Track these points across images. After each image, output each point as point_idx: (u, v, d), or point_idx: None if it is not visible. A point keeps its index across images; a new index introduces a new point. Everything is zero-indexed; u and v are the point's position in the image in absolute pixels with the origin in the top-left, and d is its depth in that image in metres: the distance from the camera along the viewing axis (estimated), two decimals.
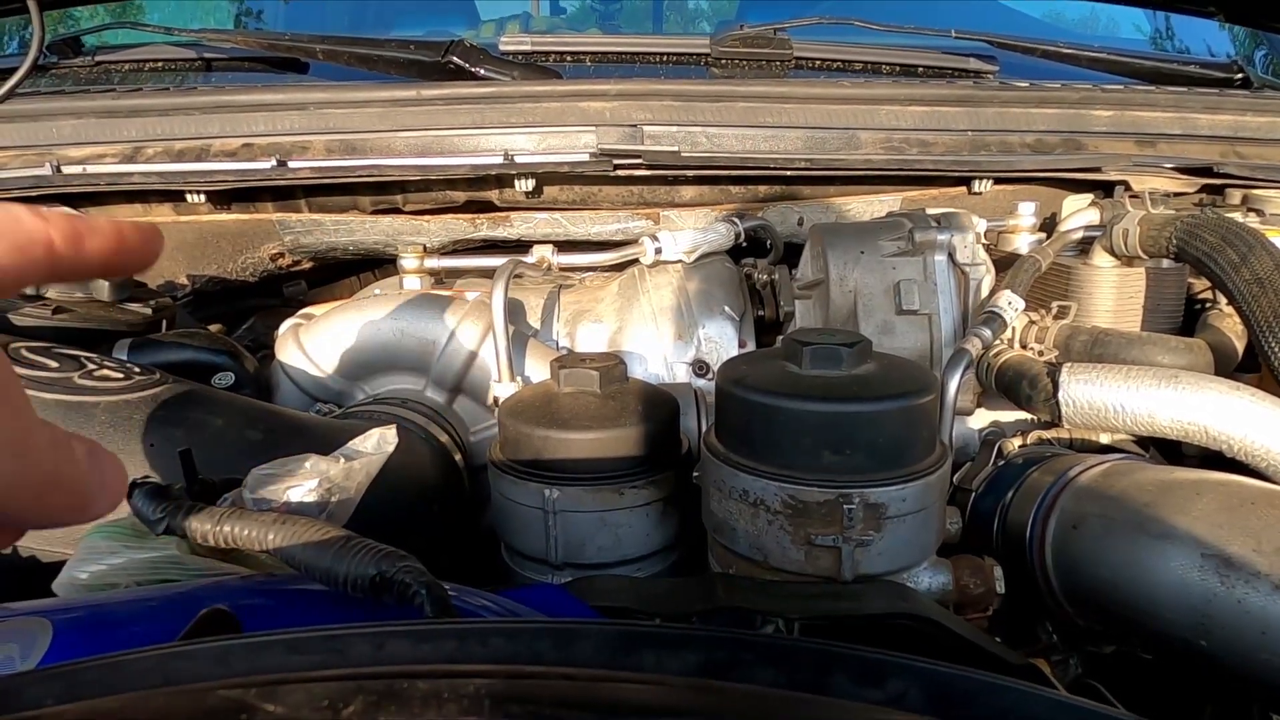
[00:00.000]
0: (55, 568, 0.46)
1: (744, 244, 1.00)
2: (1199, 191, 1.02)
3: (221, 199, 1.01)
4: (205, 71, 1.24)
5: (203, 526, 0.40)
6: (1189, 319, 0.86)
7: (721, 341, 0.89)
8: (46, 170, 0.93)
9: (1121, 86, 1.13)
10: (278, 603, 0.40)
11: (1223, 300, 0.83)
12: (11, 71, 0.97)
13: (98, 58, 1.24)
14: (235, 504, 0.45)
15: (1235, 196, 0.99)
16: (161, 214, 1.03)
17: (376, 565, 0.37)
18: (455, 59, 1.07)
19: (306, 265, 1.11)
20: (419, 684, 0.20)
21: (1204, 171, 0.99)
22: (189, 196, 0.98)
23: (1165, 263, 0.81)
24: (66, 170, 0.94)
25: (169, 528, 0.41)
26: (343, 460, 0.48)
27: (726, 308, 0.90)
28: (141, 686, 0.24)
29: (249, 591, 0.41)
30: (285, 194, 1.03)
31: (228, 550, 0.44)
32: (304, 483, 0.46)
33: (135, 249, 0.31)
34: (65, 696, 0.24)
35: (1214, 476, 0.56)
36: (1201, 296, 0.91)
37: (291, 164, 0.96)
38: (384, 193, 1.04)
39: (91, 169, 0.94)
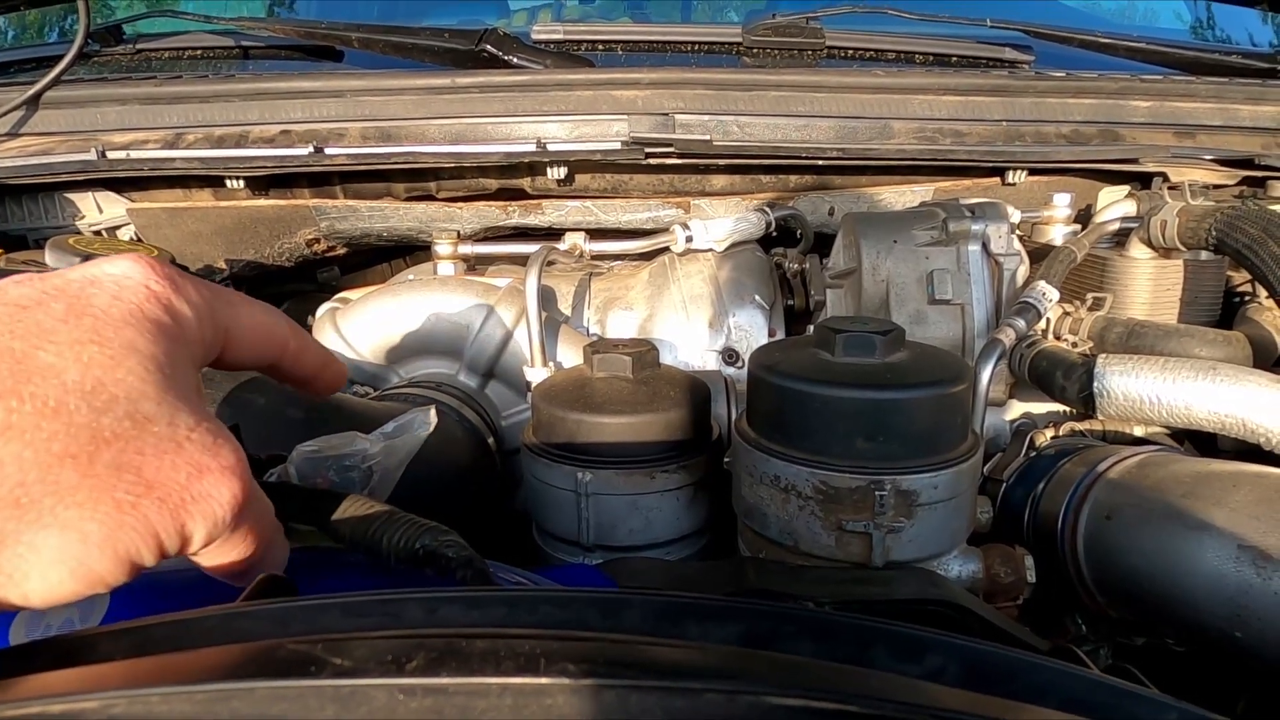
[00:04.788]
0: None
1: (774, 233, 1.00)
2: (1239, 184, 1.00)
3: (260, 185, 1.03)
4: (243, 59, 1.26)
5: None
6: (1227, 312, 0.85)
7: (751, 330, 0.89)
8: (92, 155, 0.95)
9: (1160, 77, 1.11)
10: (322, 573, 0.41)
11: (1262, 293, 0.82)
12: (55, 60, 0.99)
13: (139, 46, 1.26)
14: (281, 479, 0.46)
15: (1277, 189, 0.98)
16: (202, 198, 1.05)
17: (419, 538, 0.38)
18: (489, 47, 1.08)
19: (340, 251, 1.12)
20: (476, 643, 0.21)
21: (1245, 163, 0.98)
22: (228, 182, 1.00)
23: (1204, 255, 0.80)
24: (111, 155, 0.96)
25: None
26: (383, 439, 0.49)
27: (757, 296, 0.90)
28: (208, 643, 0.25)
29: (294, 563, 0.42)
30: (322, 180, 1.05)
31: None
32: (346, 460, 0.47)
33: (329, 380, 0.46)
34: (136, 651, 0.25)
35: (1251, 469, 0.55)
36: (1240, 289, 0.90)
37: (328, 150, 0.97)
38: (418, 180, 1.05)
39: (135, 154, 0.96)
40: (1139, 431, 0.72)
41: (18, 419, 0.27)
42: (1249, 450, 0.63)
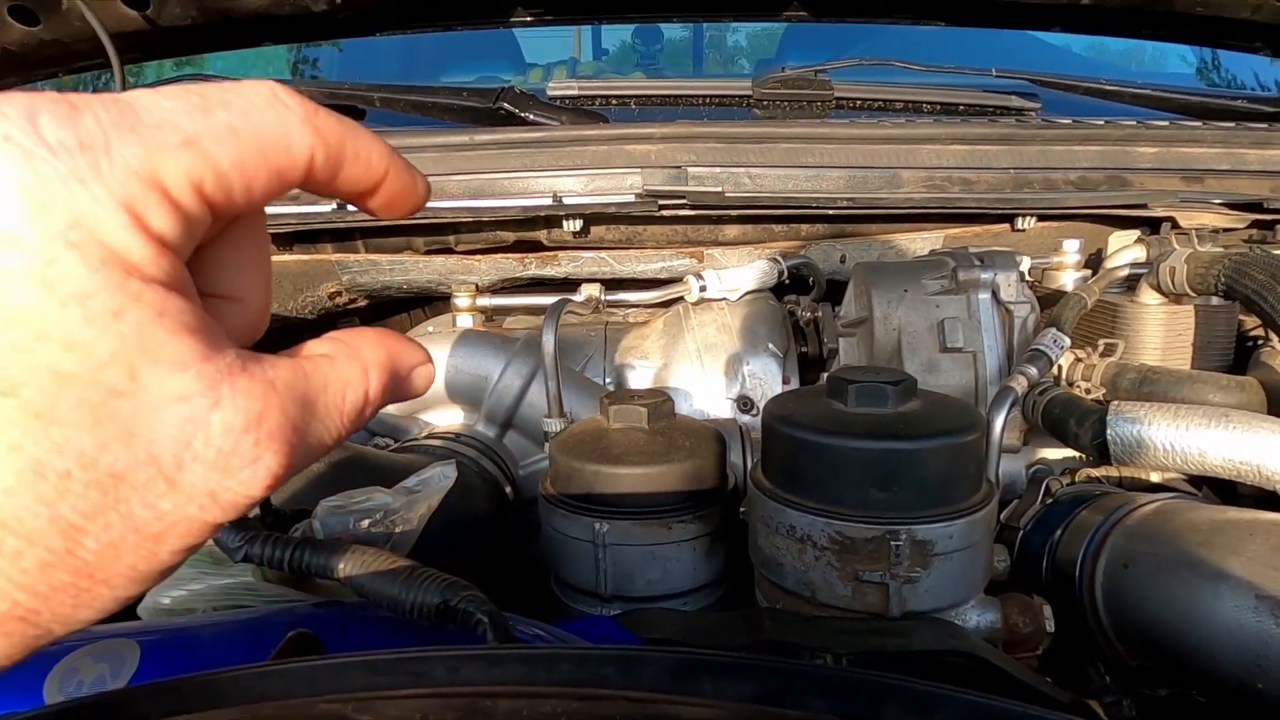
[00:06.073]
0: None
1: (787, 281, 1.02)
2: (1249, 227, 1.01)
3: (284, 240, 1.06)
4: None
5: (279, 555, 0.43)
6: (1241, 357, 0.85)
7: (766, 378, 0.90)
8: None
9: (1167, 123, 1.12)
10: (347, 628, 0.42)
11: (1275, 338, 0.82)
12: None
13: None
14: (305, 534, 0.47)
15: None
16: None
17: (441, 594, 0.39)
18: (506, 105, 1.12)
19: (361, 303, 1.15)
20: (500, 703, 0.22)
21: (1254, 207, 0.99)
22: None
23: (1215, 300, 0.81)
24: None
25: (246, 555, 0.43)
26: (406, 494, 0.50)
27: (770, 345, 0.92)
28: (240, 701, 0.26)
29: (319, 618, 0.43)
30: (344, 235, 1.08)
31: (298, 578, 0.46)
32: (370, 514, 0.48)
33: (391, 199, 0.28)
34: (174, 709, 0.26)
35: (1268, 517, 0.55)
36: (1253, 334, 0.90)
37: (351, 206, 1.00)
38: (437, 234, 1.08)
39: None
40: (1155, 478, 0.72)
41: None
42: (1269, 496, 0.63)
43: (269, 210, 1.02)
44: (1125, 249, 0.89)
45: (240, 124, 0.23)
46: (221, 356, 0.23)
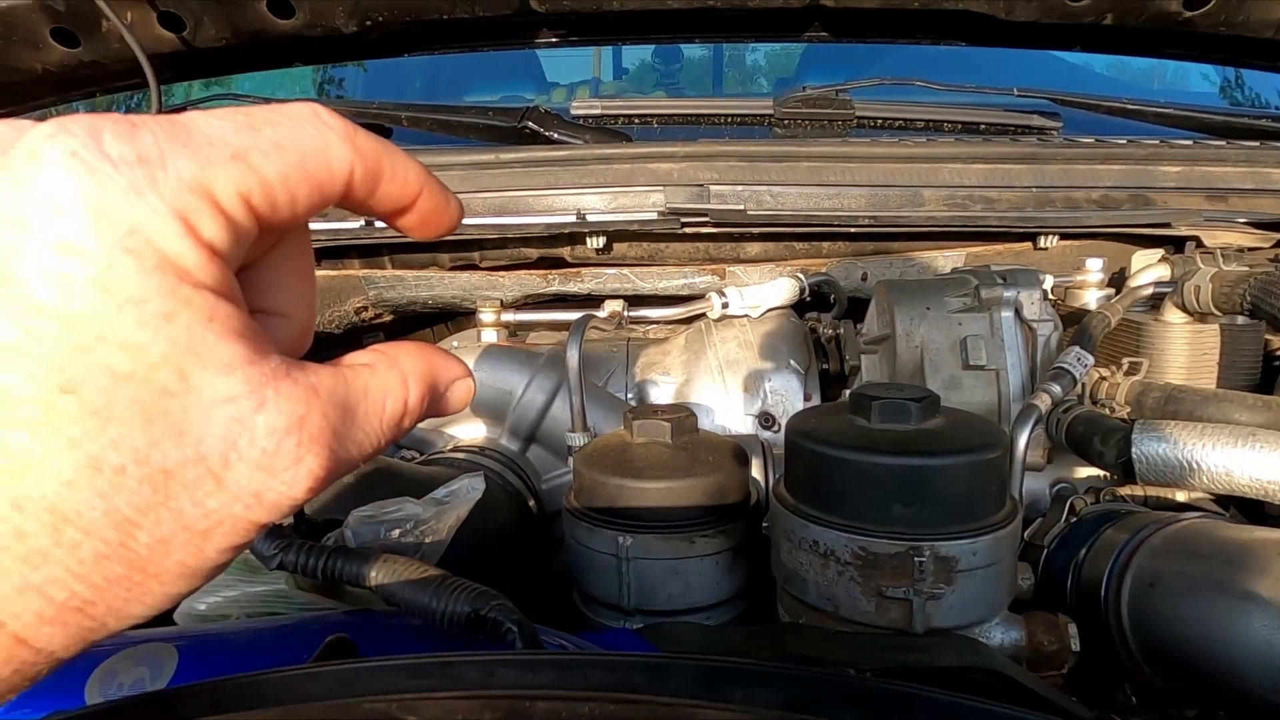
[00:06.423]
0: None
1: (808, 299, 1.02)
2: (1274, 246, 1.00)
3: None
4: None
5: (312, 563, 0.44)
6: (1267, 376, 0.84)
7: (787, 394, 0.91)
8: None
9: (1190, 141, 1.12)
10: (379, 635, 0.43)
11: None
12: None
13: None
14: (338, 543, 0.48)
15: None
16: None
17: (472, 603, 0.40)
18: (530, 124, 1.13)
19: (387, 318, 1.16)
20: (538, 704, 0.22)
21: (1279, 226, 0.98)
22: None
23: (1241, 319, 0.80)
24: None
25: (281, 563, 0.44)
26: (435, 505, 0.51)
27: (792, 361, 0.92)
28: (281, 702, 0.27)
29: (352, 624, 0.44)
30: (371, 251, 1.10)
31: (330, 586, 0.47)
32: (400, 524, 0.49)
33: (425, 218, 0.29)
34: (214, 709, 0.27)
35: None
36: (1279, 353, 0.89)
37: (378, 223, 1.02)
38: (462, 250, 1.09)
39: None
40: (1181, 497, 0.72)
41: None
42: None
43: None
44: (1149, 268, 0.89)
45: (285, 140, 0.25)
46: (266, 361, 0.24)
